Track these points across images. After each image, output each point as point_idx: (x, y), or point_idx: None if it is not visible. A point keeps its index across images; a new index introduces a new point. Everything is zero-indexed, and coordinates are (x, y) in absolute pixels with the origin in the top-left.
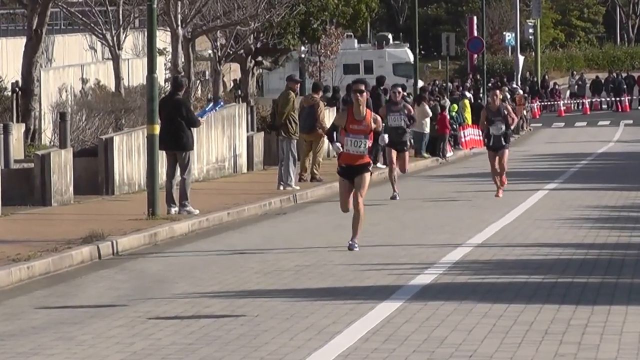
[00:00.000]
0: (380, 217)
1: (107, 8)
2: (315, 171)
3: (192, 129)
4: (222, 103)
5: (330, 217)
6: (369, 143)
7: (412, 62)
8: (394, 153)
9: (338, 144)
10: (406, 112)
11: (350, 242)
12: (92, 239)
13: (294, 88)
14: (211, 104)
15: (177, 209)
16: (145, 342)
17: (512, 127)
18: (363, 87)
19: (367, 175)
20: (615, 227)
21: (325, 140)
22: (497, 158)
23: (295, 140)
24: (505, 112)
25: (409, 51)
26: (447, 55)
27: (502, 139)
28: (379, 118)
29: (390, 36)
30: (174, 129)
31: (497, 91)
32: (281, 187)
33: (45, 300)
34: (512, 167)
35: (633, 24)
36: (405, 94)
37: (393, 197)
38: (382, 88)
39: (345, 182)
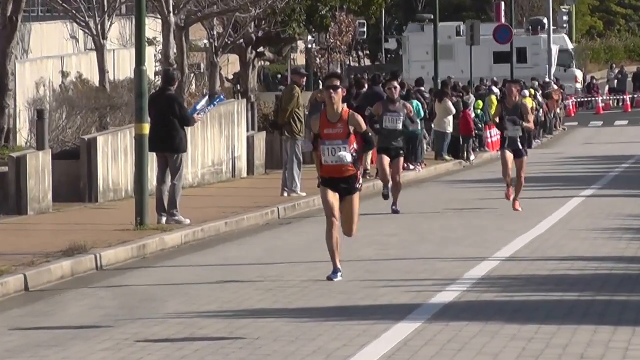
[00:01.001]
0: (396, 228)
1: None
2: None
3: (185, 128)
4: (223, 97)
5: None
6: (352, 149)
7: (571, 50)
8: (386, 161)
9: (306, 141)
10: (406, 111)
11: (331, 275)
12: (73, 251)
13: (299, 82)
14: (204, 99)
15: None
16: None
17: (527, 130)
18: (338, 83)
19: (356, 199)
20: None
21: None
22: (512, 163)
23: (301, 141)
24: (523, 111)
25: (567, 38)
26: (470, 45)
27: (520, 143)
28: (359, 117)
29: (545, 20)
30: (166, 128)
31: (515, 85)
32: (285, 194)
33: (21, 321)
34: (544, 172)
35: None
36: (423, 88)
37: (395, 212)
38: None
39: (329, 191)
